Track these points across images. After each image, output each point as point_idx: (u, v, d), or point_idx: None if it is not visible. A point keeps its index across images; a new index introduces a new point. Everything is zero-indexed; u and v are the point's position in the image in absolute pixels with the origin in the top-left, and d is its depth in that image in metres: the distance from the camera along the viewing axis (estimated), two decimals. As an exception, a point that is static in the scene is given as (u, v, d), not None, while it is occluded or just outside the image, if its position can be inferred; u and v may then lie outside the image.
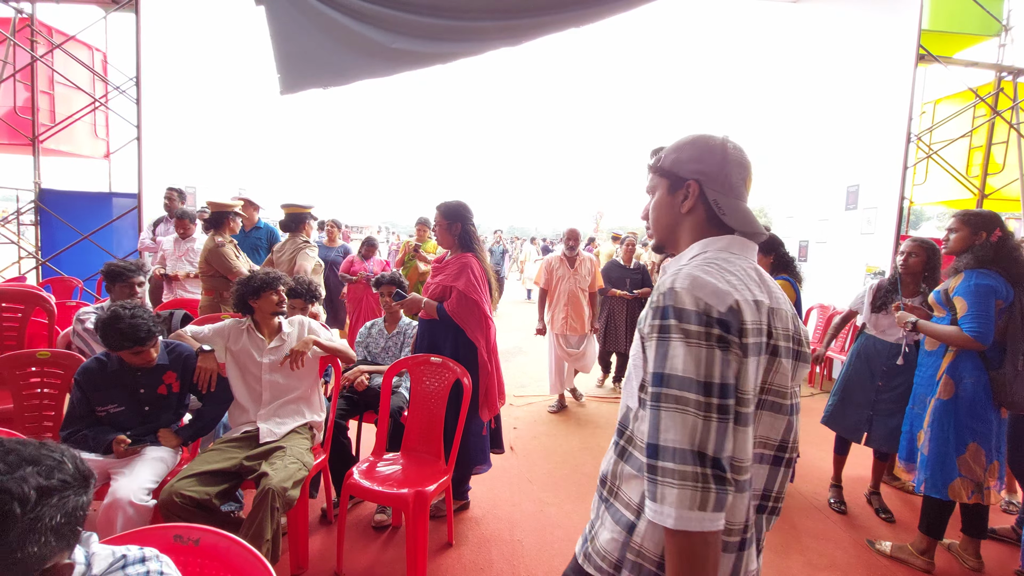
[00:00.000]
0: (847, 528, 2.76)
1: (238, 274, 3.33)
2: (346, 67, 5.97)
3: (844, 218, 5.91)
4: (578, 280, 4.29)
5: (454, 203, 2.60)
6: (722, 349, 0.81)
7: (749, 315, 0.85)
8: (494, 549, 2.45)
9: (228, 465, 2.04)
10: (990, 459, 2.23)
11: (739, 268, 0.92)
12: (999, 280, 2.19)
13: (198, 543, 1.01)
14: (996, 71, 5.86)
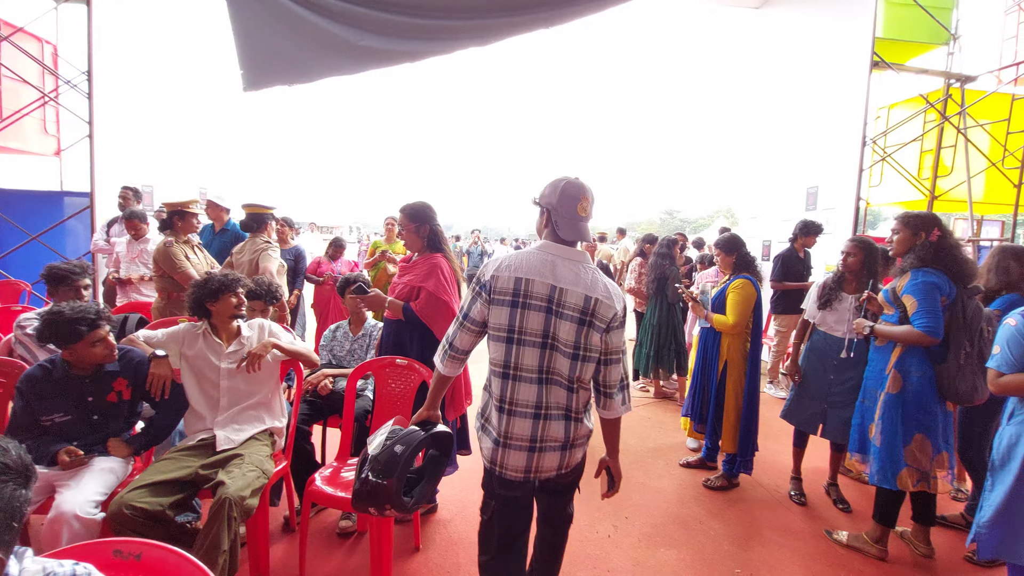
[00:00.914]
0: (806, 519, 2.85)
1: (184, 276, 3.27)
2: (312, 64, 5.85)
3: (805, 218, 6.09)
4: None
5: (418, 204, 2.57)
6: (475, 296, 1.60)
7: (501, 284, 1.54)
8: (462, 552, 2.43)
9: (183, 474, 1.97)
10: (937, 450, 2.33)
11: (539, 259, 1.56)
12: (942, 278, 2.30)
13: (139, 558, 0.97)
14: (945, 78, 6.14)
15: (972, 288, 2.33)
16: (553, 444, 1.60)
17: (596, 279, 1.56)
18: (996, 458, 1.95)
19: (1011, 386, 1.87)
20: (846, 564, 2.44)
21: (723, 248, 3.30)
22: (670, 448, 3.74)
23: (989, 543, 1.91)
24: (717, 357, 3.18)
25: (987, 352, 2.20)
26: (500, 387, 1.59)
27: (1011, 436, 1.90)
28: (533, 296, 1.52)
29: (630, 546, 2.52)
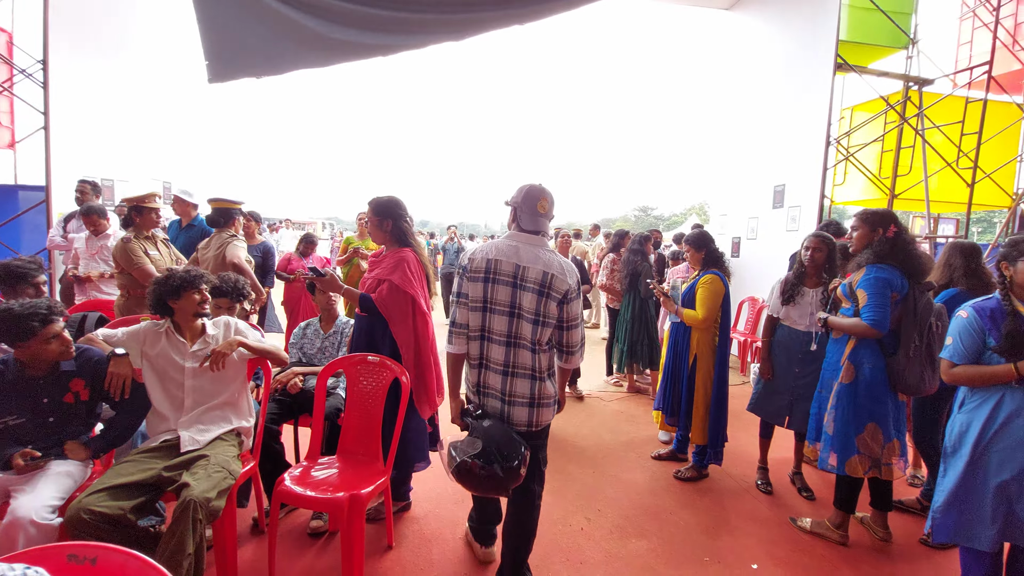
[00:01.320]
0: (772, 507, 2.94)
1: (142, 272, 3.22)
2: (281, 56, 5.72)
3: (772, 216, 6.27)
4: None
5: (385, 199, 2.55)
6: (461, 278, 1.97)
7: (476, 264, 1.94)
8: (435, 548, 2.43)
9: (145, 477, 1.91)
10: (888, 438, 2.43)
11: (506, 245, 1.95)
12: (895, 273, 2.39)
13: (95, 562, 0.93)
14: (904, 81, 6.38)
15: (925, 284, 2.41)
16: (521, 400, 1.95)
17: (552, 259, 1.94)
18: (948, 445, 2.05)
19: (963, 377, 1.95)
20: (808, 549, 2.53)
21: (693, 244, 3.35)
22: (642, 442, 3.80)
23: (944, 527, 2.00)
24: (687, 351, 3.25)
25: (936, 346, 2.30)
26: (477, 349, 1.98)
27: (961, 424, 2.00)
28: (501, 273, 1.91)
29: (602, 538, 2.56)
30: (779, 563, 2.42)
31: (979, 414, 1.93)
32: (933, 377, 2.33)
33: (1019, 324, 1.85)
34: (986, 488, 1.90)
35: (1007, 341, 1.85)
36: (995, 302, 1.94)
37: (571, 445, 3.66)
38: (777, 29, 6.57)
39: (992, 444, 1.89)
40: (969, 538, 1.94)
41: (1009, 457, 1.85)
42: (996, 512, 1.88)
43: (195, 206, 4.35)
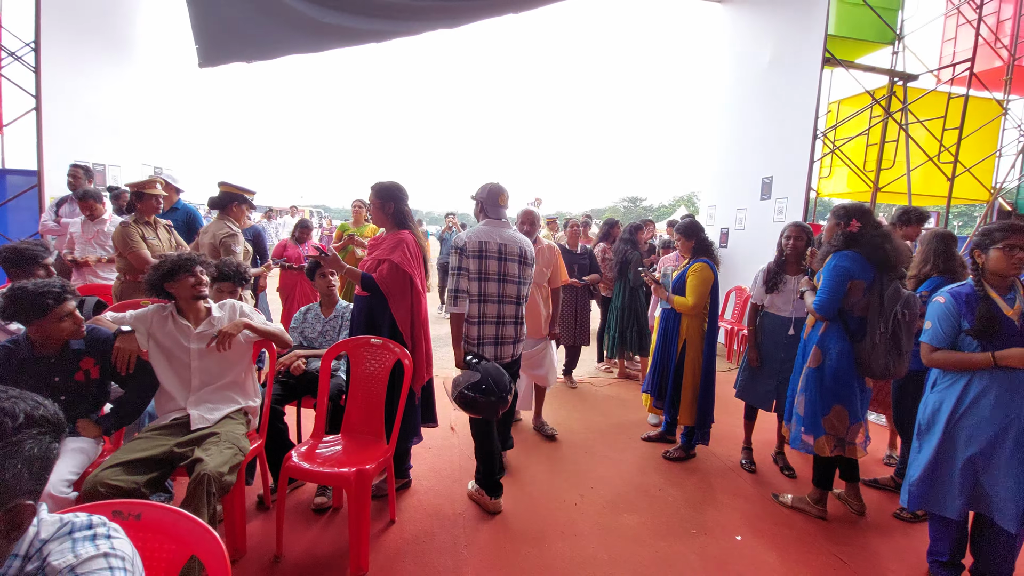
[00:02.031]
0: (756, 485, 3.08)
1: (137, 257, 3.26)
2: (272, 41, 5.71)
3: (759, 207, 6.40)
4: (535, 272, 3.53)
5: (388, 183, 2.64)
6: (459, 254, 2.56)
7: (471, 246, 2.57)
8: (435, 521, 2.53)
9: (157, 452, 1.97)
10: (853, 420, 2.56)
11: (487, 230, 2.61)
12: (858, 262, 2.48)
13: (139, 517, 1.01)
14: (890, 76, 6.51)
15: (895, 273, 2.49)
16: (509, 340, 2.71)
17: (518, 236, 2.74)
18: (922, 423, 2.18)
19: (943, 361, 2.05)
20: (789, 523, 2.67)
21: (683, 233, 3.45)
22: (633, 424, 3.93)
23: (918, 497, 2.15)
24: (677, 337, 3.36)
25: (901, 334, 2.39)
26: (476, 309, 2.60)
27: (934, 403, 2.13)
28: (489, 251, 2.60)
29: (595, 512, 2.68)
30: (761, 535, 2.56)
31: (950, 394, 2.06)
32: (899, 363, 2.42)
33: (991, 308, 1.98)
34: (956, 462, 2.04)
35: (980, 324, 1.98)
36: (969, 288, 2.06)
37: (564, 428, 3.78)
38: (768, 22, 6.66)
39: (961, 421, 2.03)
40: (940, 507, 2.09)
41: (976, 433, 1.99)
42: (964, 484, 2.02)
43: (179, 191, 4.35)
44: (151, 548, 1.00)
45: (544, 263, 3.49)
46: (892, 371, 2.44)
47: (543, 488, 2.91)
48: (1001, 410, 1.95)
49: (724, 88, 7.56)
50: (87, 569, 0.70)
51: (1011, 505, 1.94)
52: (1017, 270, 1.98)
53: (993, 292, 2.01)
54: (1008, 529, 1.96)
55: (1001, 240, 1.99)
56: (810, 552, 2.43)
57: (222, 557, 0.97)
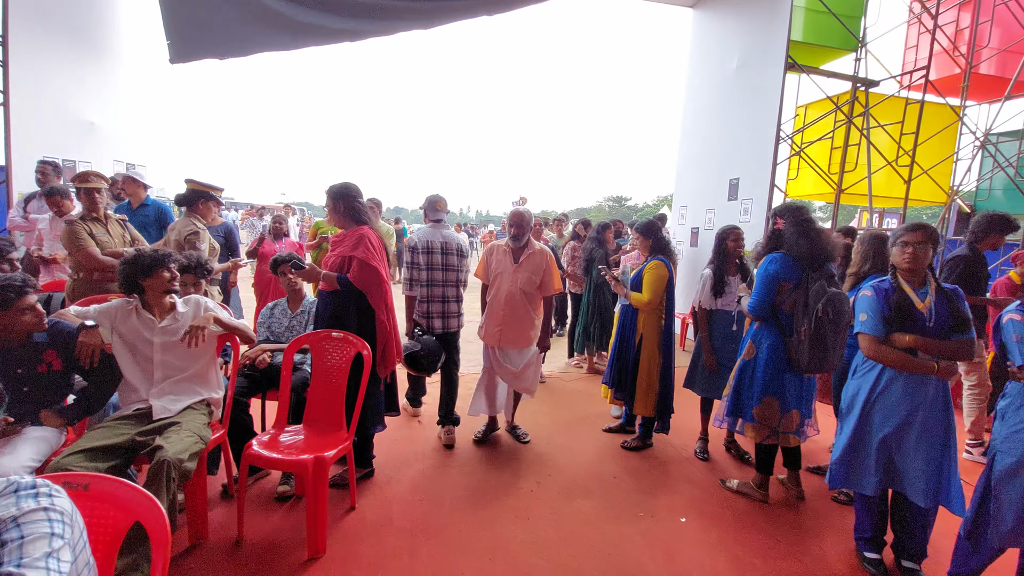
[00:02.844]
0: (706, 472, 3.24)
1: (86, 255, 3.18)
2: (246, 38, 5.73)
3: (727, 208, 6.60)
4: (521, 279, 3.25)
5: (339, 184, 2.77)
6: (411, 252, 3.30)
7: (420, 245, 3.28)
8: (395, 508, 2.63)
9: (119, 440, 2.04)
10: (785, 409, 2.72)
11: (427, 232, 3.33)
12: (786, 264, 2.64)
13: (87, 488, 1.10)
14: (852, 82, 6.76)
15: (822, 271, 2.62)
16: (452, 314, 3.40)
17: (454, 234, 3.42)
18: (844, 407, 2.36)
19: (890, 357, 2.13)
20: (733, 506, 2.83)
21: (641, 232, 3.58)
22: (596, 416, 4.07)
23: (838, 476, 2.32)
24: (634, 331, 3.50)
25: (825, 331, 2.49)
26: (425, 293, 3.32)
27: (854, 388, 2.31)
28: (434, 248, 3.30)
29: (550, 498, 2.81)
30: (705, 516, 2.71)
31: (867, 379, 2.24)
32: (825, 358, 2.54)
33: (902, 299, 2.15)
34: (871, 442, 2.21)
35: (894, 313, 2.15)
36: (888, 283, 2.24)
37: (529, 421, 3.90)
38: (735, 29, 6.86)
39: (875, 405, 2.21)
40: (858, 485, 2.27)
41: (889, 415, 2.17)
42: (879, 462, 2.19)
43: (146, 187, 4.36)
44: (98, 516, 1.09)
45: (532, 269, 3.26)
46: (820, 366, 2.57)
47: (502, 476, 3.03)
48: (909, 395, 2.13)
49: (695, 91, 7.75)
50: (28, 520, 0.79)
51: (920, 482, 2.11)
52: (908, 263, 2.17)
53: (907, 286, 2.18)
54: (919, 504, 2.13)
55: (899, 238, 2.21)
56: (748, 532, 2.59)
57: (163, 522, 1.06)
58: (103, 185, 3.37)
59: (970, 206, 8.63)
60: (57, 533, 0.81)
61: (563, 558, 2.30)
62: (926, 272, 2.20)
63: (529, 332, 3.33)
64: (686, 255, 7.38)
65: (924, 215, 25.20)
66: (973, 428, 3.71)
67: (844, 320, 2.49)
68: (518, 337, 3.30)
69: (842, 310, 2.48)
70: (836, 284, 2.60)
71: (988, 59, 7.63)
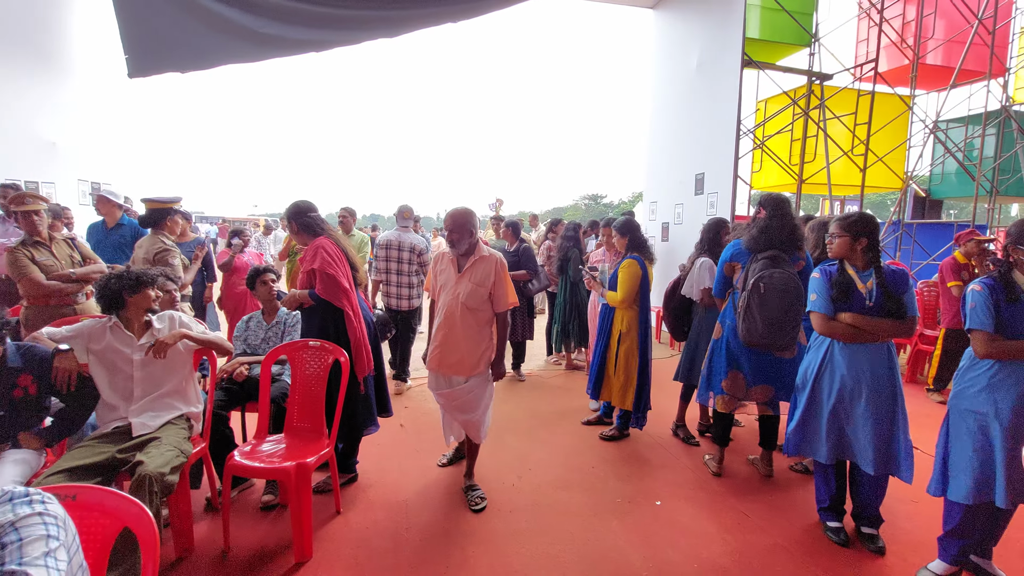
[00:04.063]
0: (680, 456, 3.38)
1: (30, 283, 3.05)
2: (207, 50, 5.70)
3: (694, 202, 6.80)
4: (464, 291, 2.66)
5: (291, 205, 2.87)
6: (377, 248, 4.66)
7: (382, 244, 4.61)
8: (380, 511, 2.69)
9: (99, 459, 2.06)
10: (749, 384, 2.93)
11: (393, 234, 4.65)
12: (734, 248, 2.97)
13: (75, 498, 1.15)
14: (808, 76, 7.02)
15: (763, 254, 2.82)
16: (405, 297, 4.57)
17: (412, 236, 4.64)
18: (799, 381, 2.51)
19: (830, 331, 2.32)
20: (705, 487, 2.97)
21: (619, 230, 3.63)
22: (575, 410, 4.18)
23: (793, 444, 2.50)
24: (611, 328, 3.60)
25: (751, 303, 2.71)
26: (390, 280, 4.54)
27: (807, 363, 2.47)
28: (391, 246, 4.55)
29: (530, 491, 2.90)
30: (679, 499, 2.83)
31: (817, 354, 2.42)
32: (752, 329, 2.72)
33: (843, 278, 2.33)
34: (821, 413, 2.39)
35: (834, 290, 2.32)
36: (834, 266, 2.41)
37: (509, 418, 3.99)
38: (694, 28, 7.07)
39: (823, 376, 2.38)
40: (812, 452, 2.45)
41: (835, 385, 2.34)
42: (829, 432, 2.38)
43: (120, 207, 4.32)
44: (87, 524, 1.14)
45: (478, 279, 2.66)
46: (756, 338, 2.73)
47: (484, 473, 3.10)
48: (854, 367, 2.30)
49: (659, 90, 7.95)
50: (25, 524, 0.85)
51: (868, 451, 2.28)
52: (832, 253, 2.41)
53: (851, 269, 2.34)
54: (868, 471, 2.29)
55: (829, 231, 2.44)
56: (720, 510, 2.72)
57: (152, 528, 1.12)
58: (40, 206, 3.20)
59: (925, 190, 9.04)
60: (53, 535, 0.86)
61: (543, 547, 2.39)
62: (868, 256, 2.35)
63: (474, 357, 2.69)
64: (658, 250, 7.53)
65: (888, 200, 26.09)
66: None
67: (774, 296, 2.65)
68: (460, 362, 2.69)
69: (772, 286, 2.65)
70: (780, 265, 2.74)
71: (934, 50, 8.00)
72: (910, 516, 2.67)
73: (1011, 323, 1.99)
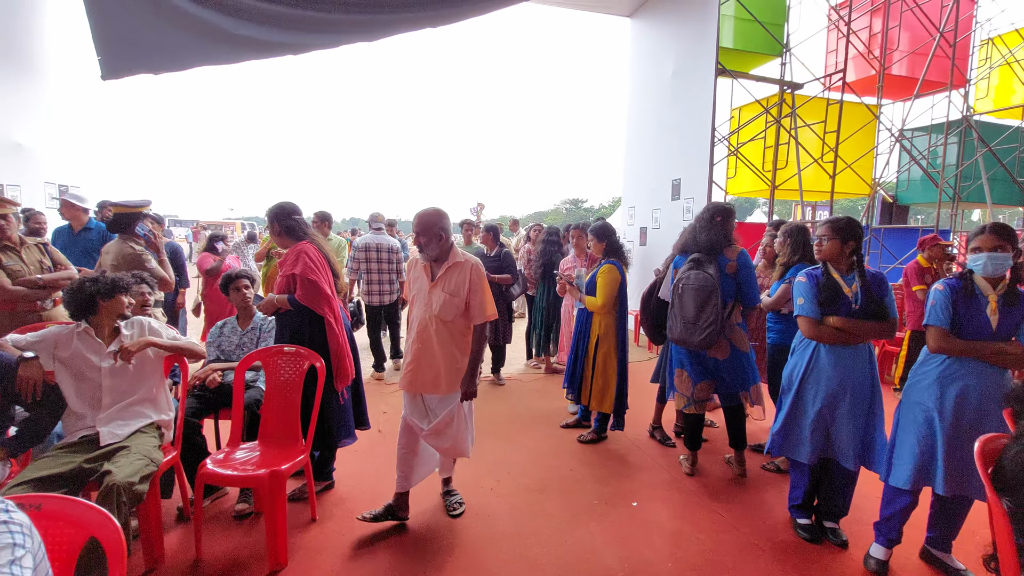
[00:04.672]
0: (656, 457, 3.43)
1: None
2: (181, 52, 5.61)
3: (671, 207, 6.91)
4: (437, 302, 2.44)
5: (275, 205, 2.82)
6: (356, 250, 5.13)
7: (361, 247, 5.12)
8: (356, 520, 2.66)
9: (66, 469, 2.01)
10: (695, 380, 3.09)
11: (370, 237, 5.20)
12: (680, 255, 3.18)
13: (39, 508, 1.12)
14: (779, 85, 7.21)
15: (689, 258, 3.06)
16: (386, 293, 5.15)
17: (389, 239, 5.22)
18: (784, 383, 2.57)
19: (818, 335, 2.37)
20: (681, 488, 3.02)
21: (596, 235, 3.67)
22: (554, 413, 4.21)
23: (777, 445, 2.55)
24: (589, 333, 3.64)
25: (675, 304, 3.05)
26: (371, 279, 5.07)
27: (792, 366, 2.52)
28: (370, 248, 5.07)
29: (509, 495, 2.91)
30: (655, 500, 2.88)
31: (803, 357, 2.47)
32: (680, 330, 3.00)
33: (830, 281, 2.39)
34: (807, 414, 2.44)
35: (823, 294, 2.38)
36: (819, 270, 2.46)
37: (488, 422, 4.00)
38: (669, 36, 7.21)
39: (809, 378, 2.43)
40: (794, 452, 2.50)
41: (821, 387, 2.40)
42: (815, 433, 2.42)
43: (86, 210, 4.23)
44: (52, 534, 1.11)
45: (452, 289, 2.44)
46: (676, 335, 3.04)
47: (461, 476, 3.10)
48: (840, 369, 2.37)
49: (636, 97, 8.08)
50: None
51: (849, 448, 2.36)
52: (821, 255, 2.46)
53: (835, 273, 2.41)
54: (848, 467, 2.37)
55: (815, 233, 2.48)
56: (695, 509, 2.78)
57: (118, 537, 1.10)
58: (11, 210, 3.14)
59: (892, 196, 9.34)
60: (19, 543, 0.85)
61: (521, 550, 2.41)
62: (852, 260, 2.43)
63: (452, 373, 2.47)
64: (636, 254, 7.65)
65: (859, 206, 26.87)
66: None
67: (689, 296, 2.95)
68: (433, 380, 2.46)
69: (687, 286, 2.95)
70: (700, 267, 2.98)
71: (899, 61, 8.31)
72: (873, 511, 2.75)
73: (966, 324, 2.08)
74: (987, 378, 2.06)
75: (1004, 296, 2.07)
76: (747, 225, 7.36)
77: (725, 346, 3.03)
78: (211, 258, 5.02)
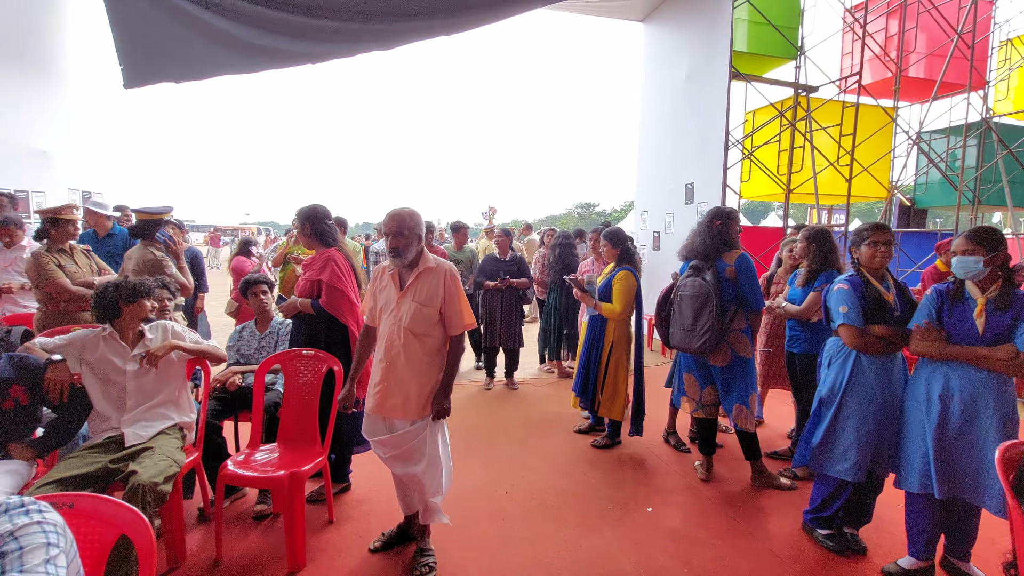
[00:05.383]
0: (671, 463, 3.41)
1: (56, 287, 3.21)
2: (203, 61, 5.75)
3: (684, 211, 6.89)
4: (407, 313, 2.18)
5: (307, 207, 2.84)
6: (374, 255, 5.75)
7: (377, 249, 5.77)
8: (373, 521, 2.69)
9: (92, 469, 2.06)
10: (702, 385, 3.13)
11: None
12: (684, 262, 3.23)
13: (72, 506, 1.16)
14: (794, 88, 7.17)
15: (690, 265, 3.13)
16: None
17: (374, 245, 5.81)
18: (823, 395, 2.45)
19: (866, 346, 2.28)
20: (696, 494, 3.01)
21: (610, 240, 3.64)
22: (567, 418, 4.21)
23: (812, 457, 2.44)
24: (603, 340, 3.61)
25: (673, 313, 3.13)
26: None
27: (834, 378, 2.41)
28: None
29: (523, 499, 2.92)
30: (670, 505, 2.87)
31: (844, 368, 2.37)
32: (679, 337, 3.07)
33: (874, 291, 2.32)
34: (852, 429, 2.33)
35: (871, 306, 2.31)
36: (856, 278, 2.37)
37: (501, 426, 4.01)
38: (682, 41, 7.20)
39: (853, 391, 2.34)
40: (830, 468, 2.39)
41: (866, 400, 2.31)
42: (863, 448, 2.31)
43: (110, 218, 4.34)
44: (84, 532, 1.15)
45: (423, 298, 2.18)
46: (675, 342, 3.11)
47: (476, 479, 3.12)
48: (883, 379, 2.31)
49: (649, 101, 8.07)
50: (24, 532, 0.86)
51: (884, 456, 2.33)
52: (880, 262, 2.35)
53: (871, 278, 2.36)
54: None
55: (868, 238, 2.36)
56: (710, 515, 2.76)
57: (149, 535, 1.14)
58: (77, 216, 3.45)
59: (909, 200, 9.21)
60: (52, 543, 0.88)
61: (535, 554, 2.41)
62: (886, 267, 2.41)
63: (423, 396, 2.19)
64: (648, 258, 7.63)
65: (876, 210, 26.50)
66: None
67: (686, 303, 3.00)
68: (405, 403, 2.18)
69: (684, 293, 3.02)
70: (698, 274, 3.02)
71: (916, 63, 8.19)
72: (889, 517, 2.71)
73: (953, 328, 2.10)
74: (974, 382, 2.04)
75: (995, 300, 2.03)
76: (761, 229, 7.31)
77: (726, 352, 3.00)
78: (247, 261, 5.11)
